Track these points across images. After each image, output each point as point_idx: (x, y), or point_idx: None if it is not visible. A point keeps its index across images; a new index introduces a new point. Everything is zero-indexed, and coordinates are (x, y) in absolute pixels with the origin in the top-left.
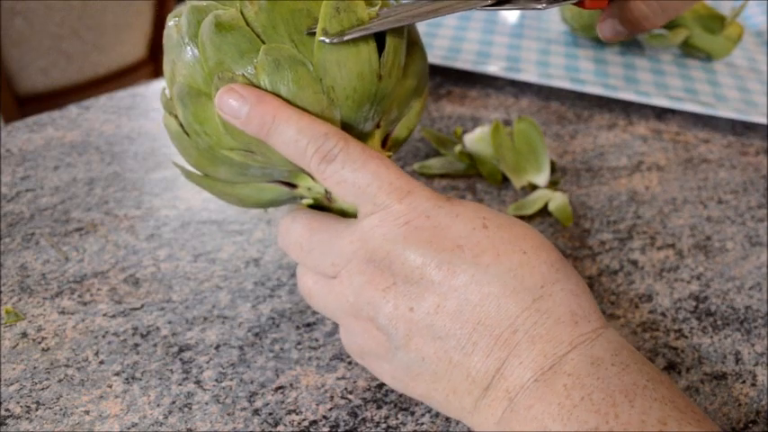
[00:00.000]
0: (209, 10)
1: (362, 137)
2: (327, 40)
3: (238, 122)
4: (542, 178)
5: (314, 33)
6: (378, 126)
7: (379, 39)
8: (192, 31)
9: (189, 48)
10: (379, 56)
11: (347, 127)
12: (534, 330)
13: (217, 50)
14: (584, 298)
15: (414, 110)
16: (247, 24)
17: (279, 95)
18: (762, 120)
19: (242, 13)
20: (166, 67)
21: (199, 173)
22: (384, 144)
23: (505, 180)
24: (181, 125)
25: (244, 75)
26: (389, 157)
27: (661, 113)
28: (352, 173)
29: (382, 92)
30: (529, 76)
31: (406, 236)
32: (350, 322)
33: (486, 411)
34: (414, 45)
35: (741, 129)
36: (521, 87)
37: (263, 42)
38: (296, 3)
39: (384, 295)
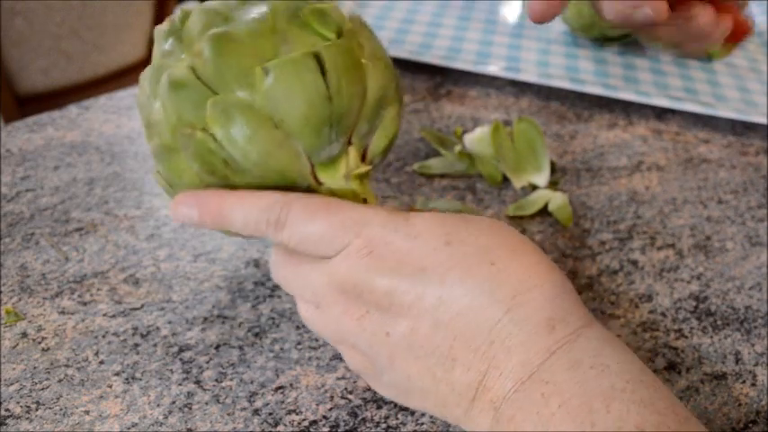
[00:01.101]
0: (165, 68)
1: (335, 159)
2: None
3: (195, 225)
4: (542, 178)
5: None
6: (349, 143)
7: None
8: (153, 90)
9: (154, 106)
10: (325, 76)
11: (314, 154)
12: (510, 341)
13: (175, 107)
14: (563, 299)
15: (387, 118)
16: (197, 78)
17: (236, 142)
18: (762, 120)
19: (192, 68)
20: (142, 122)
21: None
22: (363, 158)
23: (505, 180)
24: (165, 179)
25: (204, 129)
26: (370, 169)
27: (661, 113)
28: (303, 232)
29: (338, 112)
30: (529, 76)
31: (368, 266)
32: (339, 347)
33: (476, 421)
34: (372, 59)
35: (741, 129)
36: (521, 87)
37: (215, 93)
38: (240, 46)
39: (360, 324)
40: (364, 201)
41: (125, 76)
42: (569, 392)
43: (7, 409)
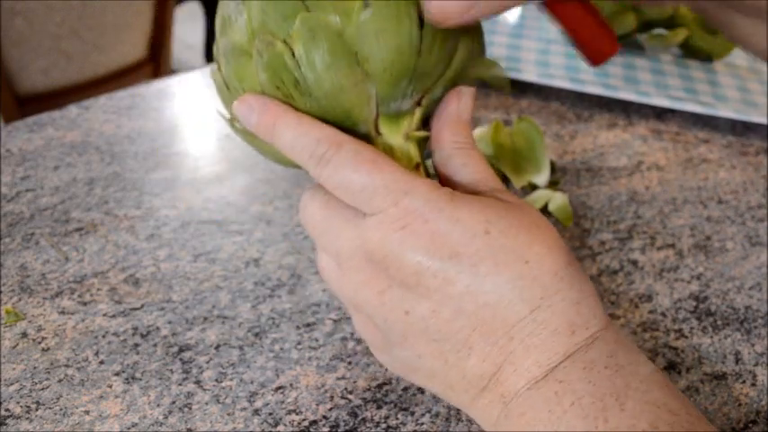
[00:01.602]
0: None
1: (401, 115)
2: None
3: (250, 129)
4: (542, 178)
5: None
6: (419, 104)
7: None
8: None
9: (238, 5)
10: (421, 30)
11: (384, 102)
12: (530, 340)
13: (262, 12)
14: (586, 303)
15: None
16: None
17: (314, 65)
18: (762, 120)
19: None
20: (217, 20)
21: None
22: (426, 124)
23: (505, 180)
24: (224, 79)
25: (284, 40)
26: (425, 137)
27: (661, 113)
28: (345, 177)
29: (422, 69)
30: (529, 76)
31: (402, 241)
32: (353, 313)
33: (483, 410)
34: (469, 32)
35: (741, 129)
36: (521, 87)
37: (306, 8)
38: None
39: (380, 297)
40: (416, 167)
41: (125, 76)
42: (583, 391)
43: (7, 409)
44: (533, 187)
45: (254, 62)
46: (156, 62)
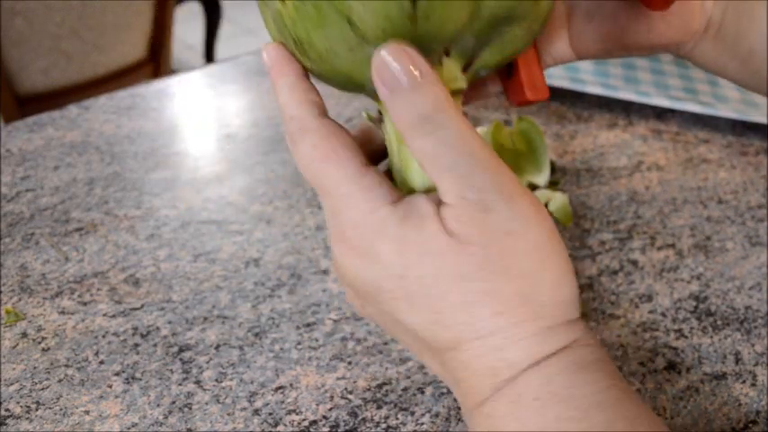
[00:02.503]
0: None
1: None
2: None
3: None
4: (542, 178)
5: None
6: (446, 54)
7: None
8: None
9: None
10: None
11: None
12: (456, 374)
13: None
14: (514, 347)
15: (509, 35)
16: None
17: (305, 27)
18: (762, 120)
19: None
20: None
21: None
22: (466, 69)
23: None
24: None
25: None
26: (464, 88)
27: (661, 113)
28: (304, 165)
29: (423, 35)
30: None
31: (339, 253)
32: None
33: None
34: None
35: (741, 129)
36: None
37: None
38: None
39: (354, 301)
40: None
41: (125, 76)
42: (507, 428)
43: (7, 409)
44: (533, 187)
45: (267, 13)
46: (156, 62)
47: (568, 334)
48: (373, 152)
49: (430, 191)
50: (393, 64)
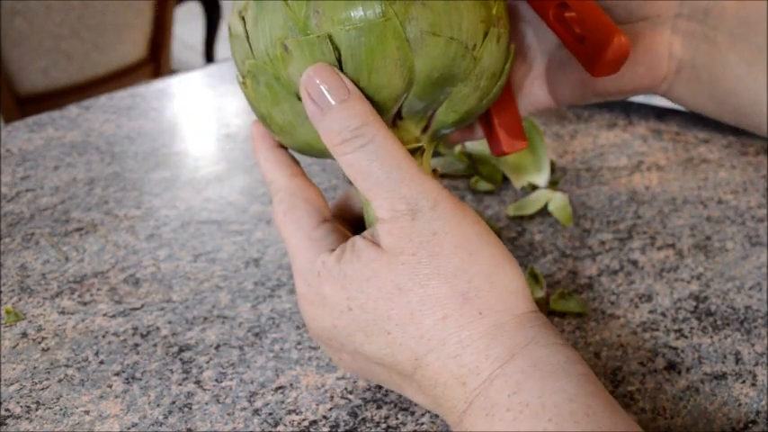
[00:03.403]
0: None
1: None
2: None
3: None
4: (542, 178)
5: None
6: (399, 117)
7: None
8: None
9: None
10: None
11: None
12: (431, 392)
13: (232, 48)
14: (470, 351)
15: (458, 95)
16: (246, 34)
17: (264, 107)
18: None
19: (243, 20)
20: None
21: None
22: (426, 129)
23: (505, 180)
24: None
25: (244, 83)
26: (421, 146)
27: (661, 113)
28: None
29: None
30: None
31: (300, 306)
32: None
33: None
34: (432, 33)
35: (741, 129)
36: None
37: (253, 54)
38: (273, 13)
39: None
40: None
41: (125, 76)
42: None
43: (7, 409)
44: (533, 187)
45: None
46: (156, 62)
47: (522, 331)
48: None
49: None
50: (321, 83)
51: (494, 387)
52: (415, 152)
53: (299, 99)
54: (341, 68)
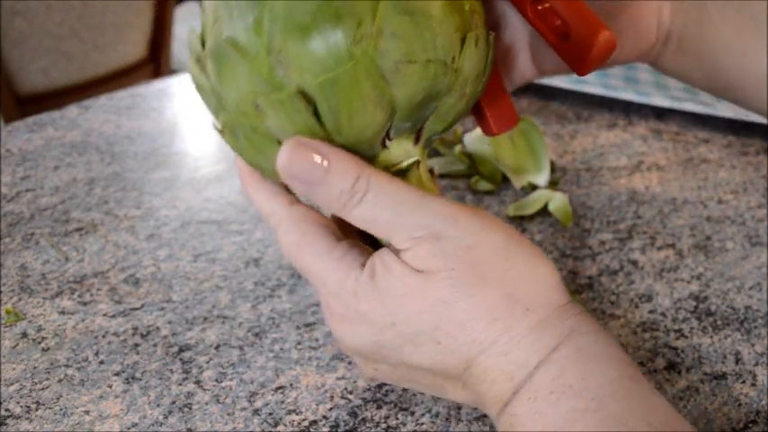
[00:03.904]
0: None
1: (369, 159)
2: None
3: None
4: (542, 178)
5: None
6: (384, 145)
7: None
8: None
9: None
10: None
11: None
12: (478, 389)
13: (202, 100)
14: (518, 348)
15: (442, 107)
16: (212, 88)
17: (246, 156)
18: (762, 120)
19: (206, 76)
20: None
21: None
22: (417, 140)
23: (505, 180)
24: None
25: (221, 132)
26: (412, 162)
27: (661, 113)
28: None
29: (348, 144)
30: None
31: (333, 326)
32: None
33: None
34: (408, 61)
35: (741, 129)
36: (521, 87)
37: (224, 107)
38: (236, 69)
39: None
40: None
41: (125, 76)
42: (530, 423)
43: (7, 409)
44: (533, 187)
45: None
46: (156, 62)
47: (565, 321)
48: None
49: None
50: (298, 163)
51: (538, 374)
52: (411, 166)
53: (281, 144)
54: (318, 120)
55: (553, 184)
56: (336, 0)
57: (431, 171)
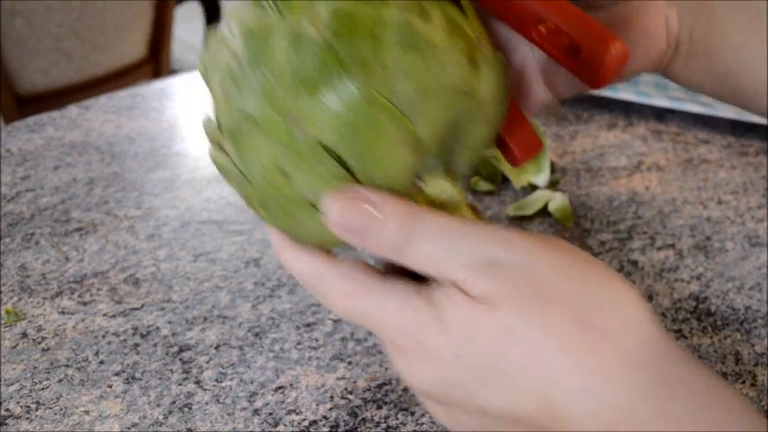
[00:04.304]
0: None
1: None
2: None
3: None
4: (542, 178)
5: None
6: (420, 179)
7: None
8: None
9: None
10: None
11: None
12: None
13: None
14: (600, 383)
15: (467, 135)
16: (235, 166)
17: (281, 228)
18: (762, 120)
19: (227, 155)
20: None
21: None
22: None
23: (505, 180)
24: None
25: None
26: (455, 195)
27: (661, 113)
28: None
29: (378, 187)
30: None
31: (397, 364)
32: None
33: None
34: (424, 96)
35: (741, 129)
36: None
37: (250, 182)
38: (255, 139)
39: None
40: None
41: (125, 76)
42: None
43: (7, 409)
44: (533, 187)
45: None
46: (156, 62)
47: (654, 353)
48: None
49: None
50: (345, 214)
51: (635, 416)
52: (451, 203)
53: (316, 209)
54: (346, 169)
55: (553, 185)
56: (336, 47)
57: (473, 208)
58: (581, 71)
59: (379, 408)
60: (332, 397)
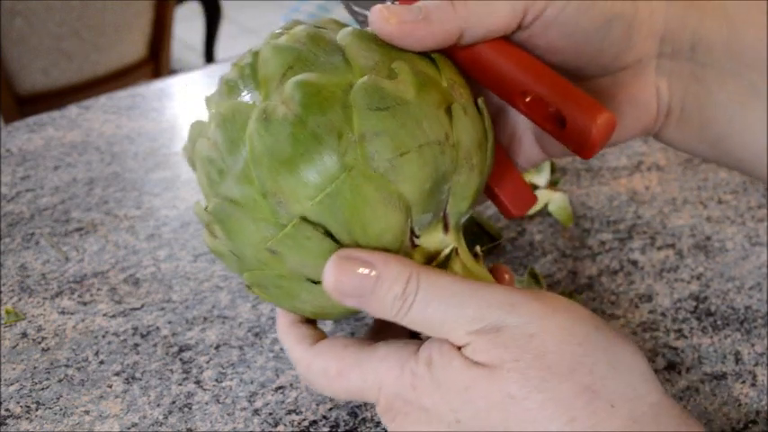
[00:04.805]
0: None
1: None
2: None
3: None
4: (542, 178)
5: None
6: (413, 244)
7: None
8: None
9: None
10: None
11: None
12: None
13: (224, 264)
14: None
15: (457, 186)
16: (230, 250)
17: (280, 304)
18: None
19: (217, 238)
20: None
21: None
22: (447, 227)
23: None
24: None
25: (248, 288)
26: (453, 250)
27: None
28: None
29: (364, 247)
30: None
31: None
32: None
33: None
34: (407, 152)
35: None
36: None
37: (244, 264)
38: (240, 222)
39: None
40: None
41: (125, 76)
42: None
43: (7, 409)
44: (533, 187)
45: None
46: (156, 62)
47: (662, 423)
48: None
49: None
50: (345, 281)
51: None
52: (450, 255)
53: (315, 282)
54: (334, 240)
55: (553, 184)
56: (307, 120)
57: (475, 254)
58: (568, 141)
59: None
60: (332, 397)
